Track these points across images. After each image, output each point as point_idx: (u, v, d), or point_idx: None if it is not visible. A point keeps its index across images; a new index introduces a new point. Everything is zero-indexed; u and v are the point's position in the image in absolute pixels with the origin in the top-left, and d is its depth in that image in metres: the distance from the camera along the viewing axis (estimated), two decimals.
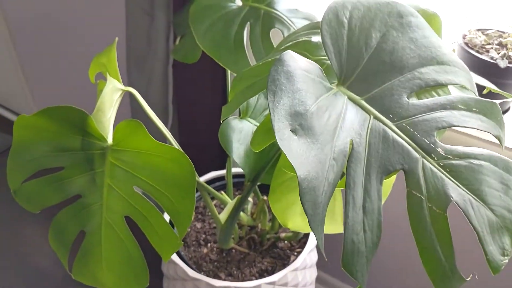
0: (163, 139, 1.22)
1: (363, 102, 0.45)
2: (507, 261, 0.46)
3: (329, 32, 0.45)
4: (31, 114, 0.49)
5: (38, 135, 0.49)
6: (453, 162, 0.45)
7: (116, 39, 0.59)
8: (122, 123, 0.48)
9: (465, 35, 0.94)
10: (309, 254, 0.99)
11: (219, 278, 0.89)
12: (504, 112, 0.98)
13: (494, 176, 0.46)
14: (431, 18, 0.55)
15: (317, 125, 0.39)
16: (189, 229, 0.99)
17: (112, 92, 0.52)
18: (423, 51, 0.47)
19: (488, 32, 0.95)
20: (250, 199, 1.01)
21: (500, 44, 0.91)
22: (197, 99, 1.15)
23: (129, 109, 1.18)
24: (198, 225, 1.00)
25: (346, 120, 0.43)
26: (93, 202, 0.52)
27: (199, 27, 0.66)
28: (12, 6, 1.61)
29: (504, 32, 0.95)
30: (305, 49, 0.51)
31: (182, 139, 1.24)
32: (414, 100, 0.46)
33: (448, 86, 0.58)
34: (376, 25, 0.46)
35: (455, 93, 0.53)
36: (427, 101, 0.46)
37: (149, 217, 0.51)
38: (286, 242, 0.97)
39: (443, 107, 0.46)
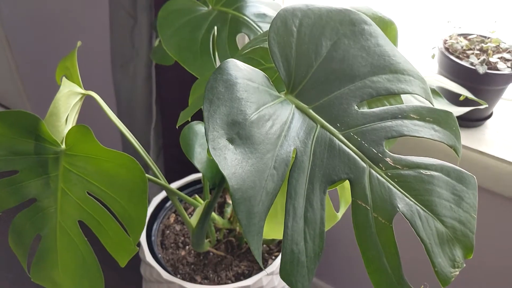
0: (147, 141, 1.22)
1: (311, 111, 0.45)
2: (457, 273, 0.45)
3: (277, 41, 0.44)
4: None
5: None
6: (402, 172, 0.44)
7: (79, 43, 0.59)
8: (73, 128, 0.48)
9: (446, 40, 0.93)
10: None
11: (195, 281, 0.89)
12: (487, 118, 0.97)
13: (445, 187, 0.45)
14: (387, 26, 0.54)
15: (257, 134, 0.39)
16: (168, 231, 0.99)
17: (68, 96, 0.52)
18: (376, 60, 0.47)
19: (470, 37, 0.94)
20: (229, 201, 1.01)
21: (481, 49, 0.90)
22: (180, 100, 1.15)
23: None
24: (177, 227, 1.00)
25: (291, 129, 0.43)
26: (48, 206, 0.52)
27: (165, 31, 0.65)
28: (6, 5, 1.62)
29: (486, 37, 0.94)
30: (261, 56, 0.51)
31: (166, 139, 1.24)
32: (364, 109, 0.46)
33: (409, 96, 0.58)
34: (327, 33, 0.46)
35: (414, 102, 0.52)
36: (377, 110, 0.46)
37: (102, 223, 0.51)
38: (264, 245, 0.97)
39: (394, 116, 0.46)
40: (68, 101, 0.52)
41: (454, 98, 0.88)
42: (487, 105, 0.73)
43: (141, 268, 0.97)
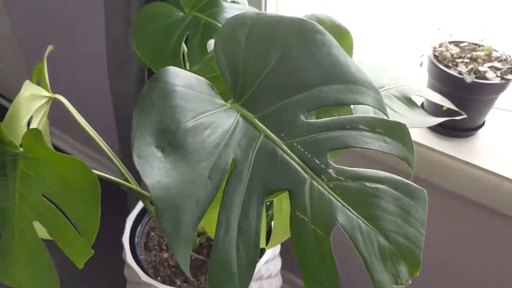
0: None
1: (256, 120, 0.44)
2: None
3: (223, 50, 0.44)
4: None
5: None
6: (345, 183, 0.44)
7: (50, 47, 0.60)
8: (27, 132, 0.49)
9: (436, 48, 0.91)
10: (272, 262, 0.98)
11: (174, 284, 0.90)
12: (479, 127, 0.95)
13: (391, 201, 0.44)
14: (343, 35, 0.54)
15: (191, 142, 0.39)
16: (152, 233, 1.00)
17: (31, 100, 0.53)
18: (327, 69, 0.46)
19: (462, 45, 0.92)
20: None
21: (471, 58, 0.88)
22: None
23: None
24: None
25: (233, 138, 0.43)
26: (7, 206, 0.53)
27: (139, 36, 0.66)
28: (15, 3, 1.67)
29: (478, 45, 0.92)
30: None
31: None
32: (311, 120, 0.45)
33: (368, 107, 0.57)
34: (277, 43, 0.46)
35: (371, 114, 0.51)
36: (325, 120, 0.45)
37: (57, 225, 0.52)
38: None
39: (342, 127, 0.45)
40: (30, 104, 0.53)
41: (439, 108, 0.86)
42: (465, 116, 0.72)
43: (124, 270, 0.98)
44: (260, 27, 0.46)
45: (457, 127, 0.92)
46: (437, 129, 0.93)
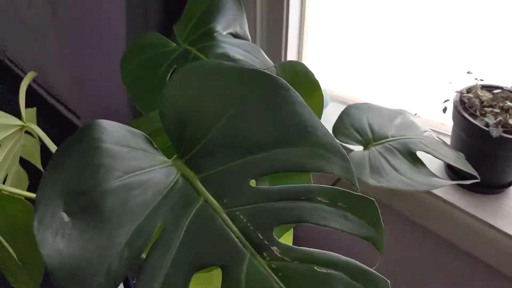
0: None
1: (198, 182, 0.40)
2: None
3: (172, 99, 0.40)
4: None
5: None
6: (290, 265, 0.38)
7: (31, 73, 0.59)
8: None
9: (463, 93, 0.82)
10: None
11: None
12: (508, 185, 0.85)
13: None
14: (314, 90, 0.48)
15: (110, 205, 0.35)
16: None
17: None
18: (287, 130, 0.41)
19: (495, 91, 0.83)
20: None
21: (502, 108, 0.79)
22: None
23: None
24: None
25: (166, 200, 0.38)
26: None
27: (126, 65, 0.64)
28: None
29: None
30: None
31: None
32: (262, 186, 0.40)
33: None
34: (233, 96, 0.41)
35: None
36: (277, 188, 0.40)
37: (6, 263, 0.50)
38: None
39: (296, 197, 0.40)
40: None
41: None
42: (478, 180, 0.63)
43: None
44: (217, 77, 0.41)
45: (484, 183, 0.83)
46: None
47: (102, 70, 1.70)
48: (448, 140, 0.86)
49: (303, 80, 0.47)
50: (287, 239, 0.57)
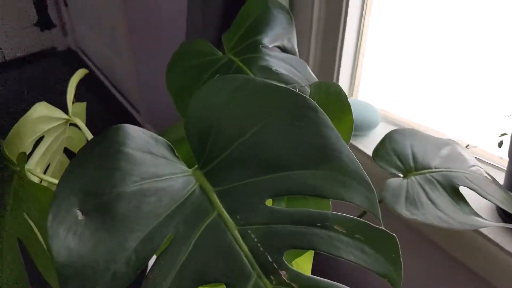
0: None
1: (214, 194, 0.40)
2: None
3: (198, 110, 0.41)
4: None
5: None
6: None
7: (82, 70, 0.62)
8: (19, 154, 0.50)
9: None
10: None
11: None
12: None
13: None
14: (344, 113, 0.46)
15: (123, 209, 0.36)
16: None
17: (39, 121, 0.55)
18: (310, 151, 0.40)
19: None
20: None
21: None
22: None
23: None
24: None
25: (181, 210, 0.38)
26: (1, 216, 0.55)
27: (172, 69, 0.65)
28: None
29: None
30: None
31: None
32: (276, 207, 0.39)
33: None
34: (259, 113, 0.40)
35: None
36: (292, 210, 0.39)
37: (34, 246, 0.52)
38: None
39: (311, 223, 0.38)
40: (37, 125, 0.54)
41: None
42: None
43: None
44: (246, 93, 0.41)
45: None
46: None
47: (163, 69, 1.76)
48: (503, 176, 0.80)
49: (336, 102, 0.46)
50: (306, 261, 0.56)
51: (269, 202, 0.41)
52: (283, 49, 0.69)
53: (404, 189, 0.59)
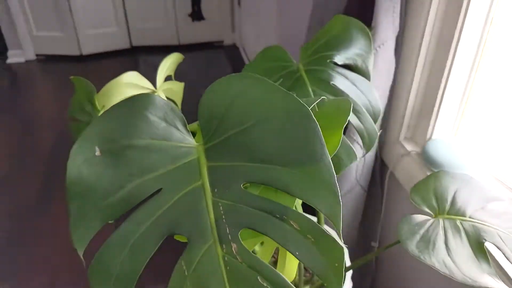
0: None
1: (205, 168, 0.47)
2: None
3: (213, 97, 0.48)
4: None
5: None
6: (239, 265, 0.42)
7: (176, 55, 0.74)
8: None
9: None
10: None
11: None
12: None
13: None
14: (338, 128, 0.48)
15: (130, 157, 0.46)
16: None
17: (127, 87, 0.68)
18: (292, 153, 0.44)
19: None
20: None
21: None
22: None
23: None
24: None
25: (174, 172, 0.46)
26: None
27: (249, 68, 0.74)
28: None
29: None
30: None
31: None
32: (247, 191, 0.45)
33: None
34: (258, 111, 0.46)
35: None
36: (259, 198, 0.44)
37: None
38: None
39: (272, 212, 0.43)
40: (125, 89, 0.68)
41: None
42: None
43: None
44: (253, 91, 0.47)
45: None
46: None
47: None
48: None
49: (339, 117, 0.48)
50: (293, 261, 0.59)
51: (257, 188, 0.47)
52: (354, 68, 0.72)
53: (424, 228, 0.58)
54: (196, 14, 3.64)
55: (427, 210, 0.61)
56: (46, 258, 1.61)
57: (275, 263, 0.72)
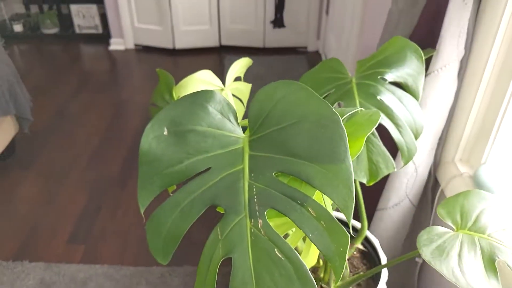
0: None
1: (247, 156, 0.57)
2: None
3: (261, 100, 0.58)
4: None
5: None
6: (261, 237, 0.51)
7: (246, 60, 0.85)
8: None
9: None
10: None
11: None
12: None
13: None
14: (362, 135, 0.54)
15: (190, 139, 0.57)
16: None
17: (200, 82, 0.80)
18: (320, 152, 0.52)
19: None
20: None
21: None
22: None
23: None
24: None
25: (224, 156, 0.57)
26: None
27: (305, 78, 0.82)
28: None
29: None
30: None
31: None
32: (278, 179, 0.53)
33: None
34: (296, 113, 0.55)
35: None
36: (286, 186, 0.53)
37: None
38: None
39: (294, 198, 0.52)
40: (198, 84, 0.80)
41: None
42: None
43: None
44: (294, 96, 0.56)
45: None
46: None
47: None
48: None
49: (367, 126, 0.55)
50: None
51: (286, 177, 0.56)
52: (403, 86, 0.78)
53: (442, 239, 0.63)
54: (278, 21, 3.79)
55: (450, 224, 0.66)
56: (119, 227, 1.81)
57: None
